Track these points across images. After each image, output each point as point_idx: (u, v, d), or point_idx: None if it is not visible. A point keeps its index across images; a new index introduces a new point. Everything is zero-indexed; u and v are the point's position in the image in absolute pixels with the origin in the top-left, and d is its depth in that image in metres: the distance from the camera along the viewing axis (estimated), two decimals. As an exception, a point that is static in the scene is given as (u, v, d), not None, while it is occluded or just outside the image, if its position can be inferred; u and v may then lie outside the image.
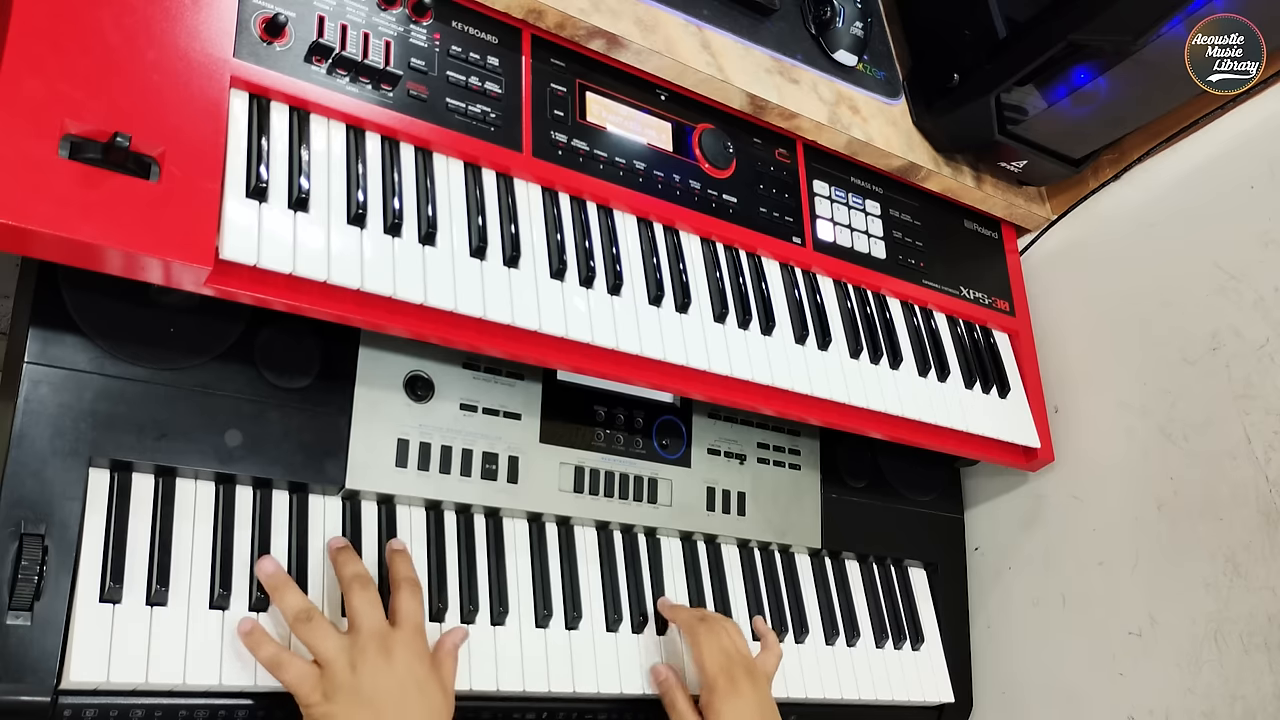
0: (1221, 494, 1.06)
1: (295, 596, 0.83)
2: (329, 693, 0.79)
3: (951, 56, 1.13)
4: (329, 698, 0.78)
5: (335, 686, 0.78)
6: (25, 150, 0.67)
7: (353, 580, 0.84)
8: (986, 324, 1.24)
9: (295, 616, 0.81)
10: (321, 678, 0.79)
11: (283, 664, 0.80)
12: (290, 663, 0.80)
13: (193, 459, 0.84)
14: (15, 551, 0.75)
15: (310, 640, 0.80)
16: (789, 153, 1.12)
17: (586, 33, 0.96)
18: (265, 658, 0.80)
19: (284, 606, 0.82)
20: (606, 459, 1.05)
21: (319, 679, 0.79)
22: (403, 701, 0.80)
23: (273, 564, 0.84)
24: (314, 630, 0.81)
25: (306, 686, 0.79)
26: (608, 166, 0.97)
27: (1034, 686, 1.22)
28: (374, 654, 0.80)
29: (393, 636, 0.82)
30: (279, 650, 0.81)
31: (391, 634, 0.82)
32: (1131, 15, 0.96)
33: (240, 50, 0.79)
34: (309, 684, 0.79)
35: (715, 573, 1.10)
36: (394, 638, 0.82)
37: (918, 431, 1.12)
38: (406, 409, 0.94)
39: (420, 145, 0.88)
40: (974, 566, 1.32)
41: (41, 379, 0.79)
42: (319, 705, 0.78)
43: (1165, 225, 1.16)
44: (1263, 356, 1.04)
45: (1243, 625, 1.02)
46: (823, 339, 1.06)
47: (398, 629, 0.83)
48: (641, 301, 0.95)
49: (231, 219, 0.75)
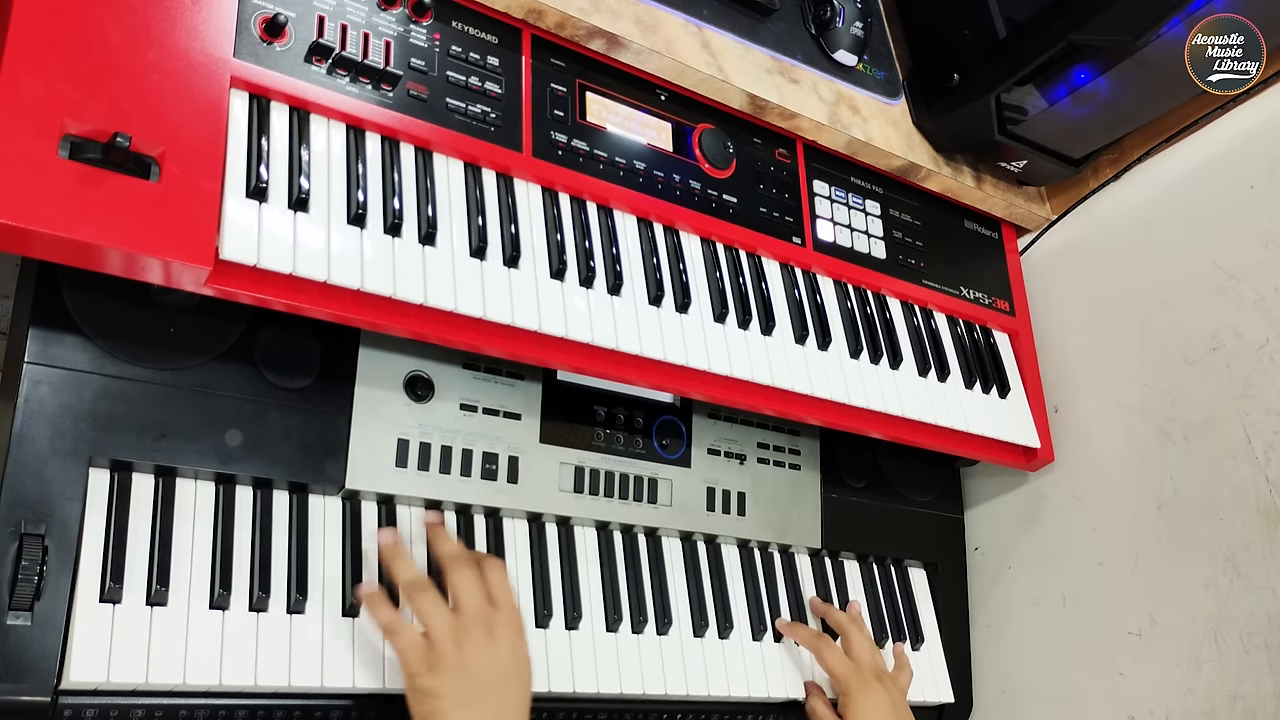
0: (1221, 494, 1.06)
1: (410, 568, 0.87)
2: (434, 665, 0.82)
3: (951, 56, 1.13)
4: (434, 670, 0.81)
5: (441, 661, 0.82)
6: (25, 150, 0.67)
7: (452, 559, 0.88)
8: (986, 324, 1.24)
9: (409, 584, 0.85)
10: (428, 650, 0.82)
11: (398, 630, 0.84)
12: (404, 630, 0.84)
13: (193, 459, 0.84)
14: (15, 551, 0.75)
15: (422, 611, 0.84)
16: (789, 153, 1.12)
17: (586, 33, 0.96)
18: (383, 621, 0.84)
19: (398, 575, 0.87)
20: (606, 459, 1.05)
21: (426, 651, 0.82)
22: (505, 680, 0.84)
23: (391, 535, 0.89)
24: (426, 601, 0.84)
25: (415, 656, 0.82)
26: (608, 166, 0.97)
27: (1034, 686, 1.22)
28: (479, 634, 0.83)
29: (495, 616, 0.85)
30: (395, 618, 0.84)
31: (494, 614, 0.85)
32: (1131, 15, 0.96)
33: (240, 50, 0.79)
34: (418, 654, 0.82)
35: (715, 573, 1.10)
36: (496, 617, 0.85)
37: (918, 431, 1.12)
38: (406, 409, 0.94)
39: (420, 145, 0.88)
40: (974, 566, 1.32)
41: (41, 379, 0.79)
42: (424, 676, 0.81)
43: (1165, 225, 1.16)
44: (1263, 356, 1.04)
45: (1243, 625, 1.02)
46: (823, 339, 1.06)
47: (498, 609, 0.86)
48: (641, 301, 0.95)
49: (231, 219, 0.75)
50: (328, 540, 0.89)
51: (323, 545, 0.89)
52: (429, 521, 0.93)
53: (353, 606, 0.87)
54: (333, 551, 0.89)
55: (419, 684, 0.81)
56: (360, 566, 0.89)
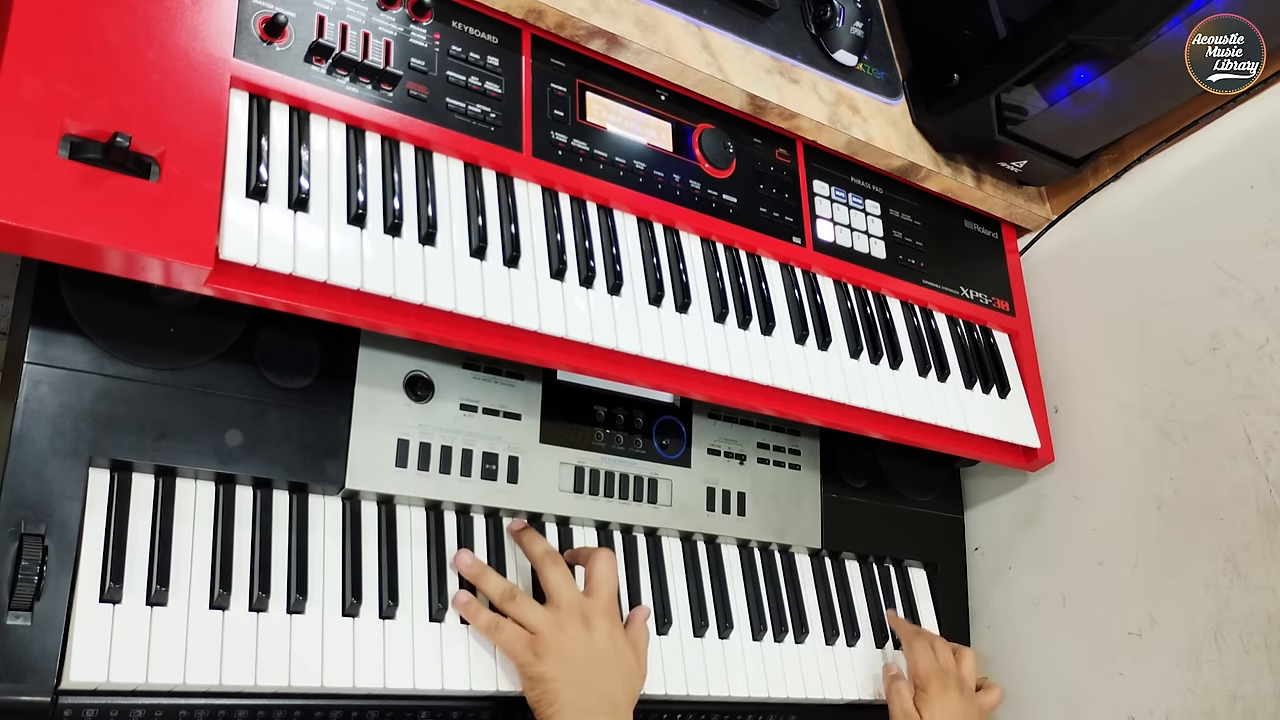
0: (1221, 494, 1.06)
1: (497, 580, 0.93)
2: (540, 653, 0.88)
3: (951, 56, 1.13)
4: (540, 657, 0.88)
5: (545, 648, 0.88)
6: (25, 150, 0.67)
7: (545, 557, 0.94)
8: (986, 324, 1.24)
9: (501, 595, 0.91)
10: (532, 640, 0.89)
11: (500, 626, 0.90)
12: (505, 625, 0.90)
13: (193, 459, 0.84)
14: (15, 551, 0.75)
15: (519, 614, 0.90)
16: (789, 153, 1.12)
17: (586, 33, 0.96)
18: (484, 623, 0.90)
19: (488, 589, 0.92)
20: (606, 459, 1.05)
21: (530, 641, 0.89)
22: (605, 664, 0.90)
23: (469, 556, 0.94)
24: (521, 605, 0.91)
25: (520, 645, 0.89)
26: (608, 166, 0.97)
27: (1034, 686, 1.22)
28: (576, 623, 0.90)
29: (591, 606, 0.92)
30: (494, 616, 0.90)
31: (589, 604, 0.92)
32: (1131, 15, 0.96)
33: (240, 50, 0.79)
34: (522, 644, 0.89)
35: (715, 573, 1.10)
36: (592, 607, 0.92)
37: (918, 431, 1.12)
38: (406, 409, 0.94)
39: (420, 145, 0.88)
40: (974, 566, 1.32)
41: (41, 379, 0.79)
42: (533, 664, 0.88)
43: (1165, 225, 1.16)
44: (1263, 356, 1.04)
45: (1243, 625, 1.02)
46: (823, 339, 1.06)
47: (593, 599, 0.93)
48: (641, 301, 0.95)
49: (231, 219, 0.75)
50: (328, 540, 0.89)
51: (323, 545, 0.89)
52: (513, 529, 0.98)
53: (353, 606, 0.87)
54: (333, 552, 0.89)
55: (530, 671, 0.88)
56: (360, 567, 0.89)
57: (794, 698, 1.09)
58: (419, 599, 0.91)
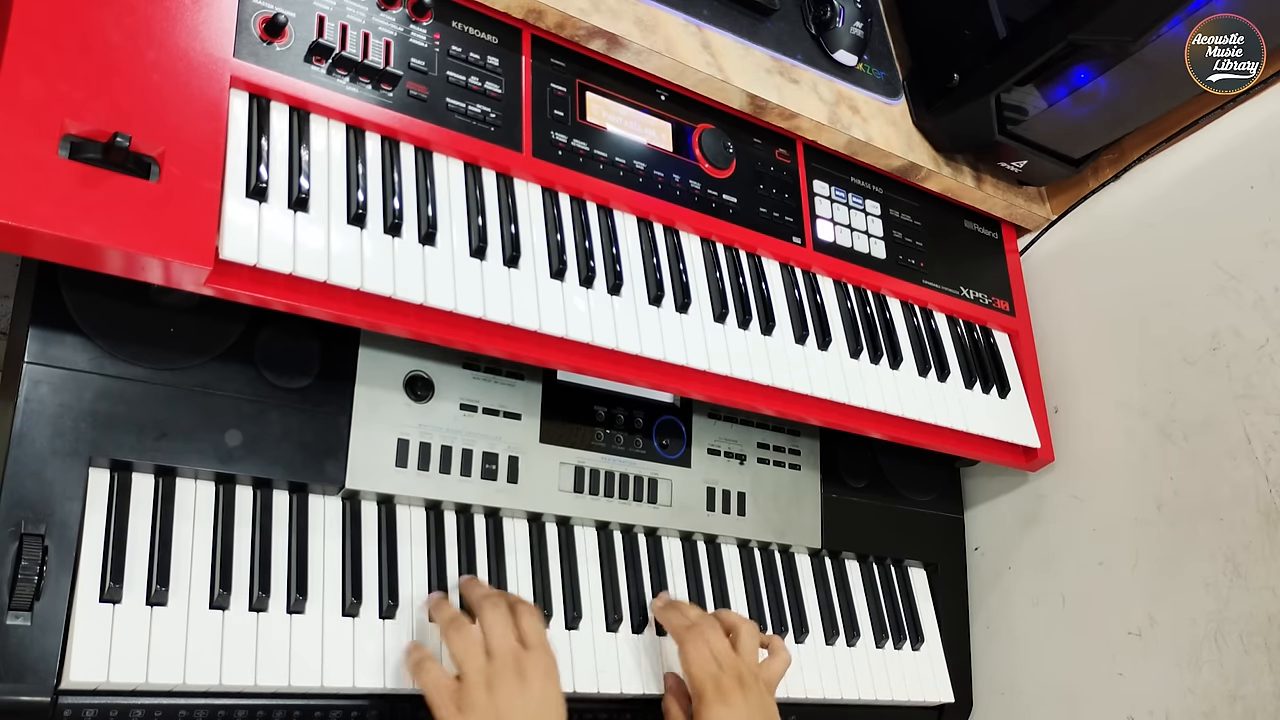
0: (1221, 494, 1.06)
1: (447, 609, 0.88)
2: (464, 707, 0.81)
3: (951, 56, 1.13)
4: (463, 712, 0.81)
5: (471, 704, 0.81)
6: (25, 150, 0.67)
7: (483, 601, 0.88)
8: (986, 324, 1.24)
9: (447, 624, 0.86)
10: (457, 690, 0.82)
11: (425, 668, 0.84)
12: (431, 669, 0.84)
13: (193, 459, 0.84)
14: (15, 551, 0.75)
15: (456, 651, 0.84)
16: (789, 153, 1.12)
17: (586, 33, 0.96)
18: (414, 659, 0.85)
19: (437, 619, 0.88)
20: (606, 459, 1.05)
21: (455, 691, 0.82)
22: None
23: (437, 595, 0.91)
24: (462, 641, 0.85)
25: (444, 696, 0.82)
26: (608, 166, 0.97)
27: (1034, 686, 1.22)
28: (510, 676, 0.83)
29: (525, 658, 0.85)
30: (426, 654, 0.85)
31: (524, 655, 0.85)
32: (1131, 15, 0.96)
33: (240, 50, 0.79)
34: (445, 694, 0.82)
35: (715, 573, 1.10)
36: (526, 660, 0.85)
37: (918, 431, 1.12)
38: (406, 409, 0.94)
39: (420, 145, 0.88)
40: (974, 566, 1.32)
41: (41, 379, 0.79)
42: (453, 718, 0.81)
43: (1165, 225, 1.16)
44: (1263, 356, 1.04)
45: (1243, 625, 1.02)
46: (823, 339, 1.06)
47: (529, 650, 0.85)
48: (641, 301, 0.95)
49: (231, 219, 0.75)
50: (328, 540, 0.89)
51: (323, 545, 0.89)
52: (461, 580, 0.93)
53: (353, 606, 0.87)
54: (333, 552, 0.89)
55: None
56: (360, 567, 0.89)
57: (794, 698, 1.09)
58: (419, 599, 0.91)
